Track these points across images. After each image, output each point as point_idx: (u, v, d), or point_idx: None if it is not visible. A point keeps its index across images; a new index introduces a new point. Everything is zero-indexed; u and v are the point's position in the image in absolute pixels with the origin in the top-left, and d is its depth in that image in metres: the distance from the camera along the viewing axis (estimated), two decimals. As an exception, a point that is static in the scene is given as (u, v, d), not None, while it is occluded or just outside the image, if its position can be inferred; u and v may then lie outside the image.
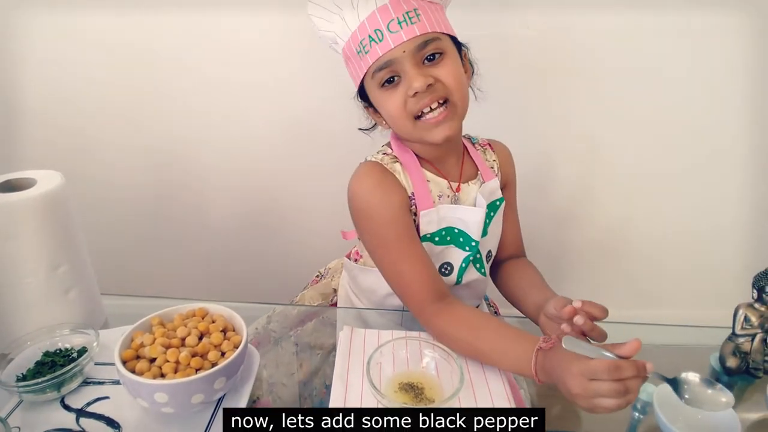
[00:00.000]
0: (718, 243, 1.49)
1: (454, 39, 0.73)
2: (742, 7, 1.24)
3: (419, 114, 0.70)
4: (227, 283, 1.49)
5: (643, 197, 1.45)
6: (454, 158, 0.80)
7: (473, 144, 0.86)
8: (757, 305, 0.69)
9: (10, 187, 0.67)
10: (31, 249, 0.65)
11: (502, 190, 0.85)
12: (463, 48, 0.76)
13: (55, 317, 0.67)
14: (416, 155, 0.78)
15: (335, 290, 0.94)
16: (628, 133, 1.37)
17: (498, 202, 0.83)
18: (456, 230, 0.77)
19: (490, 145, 0.88)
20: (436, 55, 0.69)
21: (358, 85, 0.75)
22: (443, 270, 0.80)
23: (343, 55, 0.75)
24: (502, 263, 0.89)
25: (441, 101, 0.70)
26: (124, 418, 0.56)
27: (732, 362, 0.70)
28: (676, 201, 1.45)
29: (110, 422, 0.55)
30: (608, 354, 0.53)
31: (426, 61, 0.69)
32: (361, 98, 0.78)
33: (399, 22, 0.67)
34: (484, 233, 0.79)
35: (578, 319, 0.61)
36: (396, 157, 0.78)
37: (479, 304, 0.91)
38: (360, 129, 0.84)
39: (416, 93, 0.68)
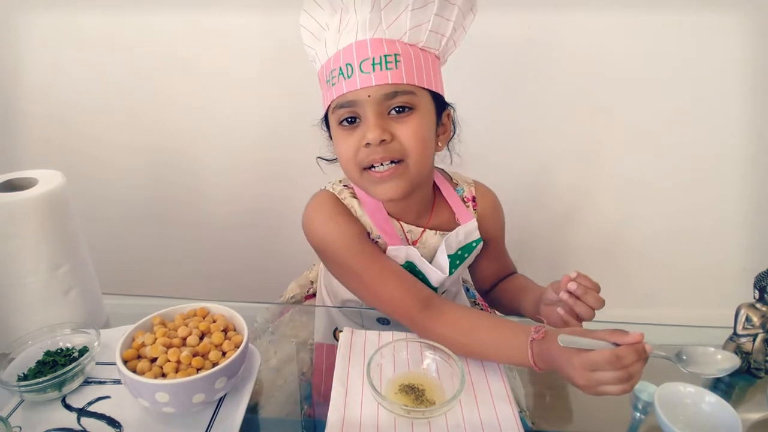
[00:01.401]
0: (720, 243, 1.49)
1: (436, 96, 0.68)
2: (741, 6, 1.24)
3: (368, 165, 0.66)
4: (228, 282, 1.49)
5: (644, 197, 1.45)
6: (419, 204, 0.76)
7: (455, 185, 0.82)
8: (758, 305, 0.69)
9: (11, 186, 0.67)
10: (32, 248, 0.65)
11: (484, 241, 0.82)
12: (447, 108, 0.72)
13: (57, 317, 0.67)
14: None
15: (312, 282, 0.95)
16: (627, 134, 1.37)
17: (474, 243, 0.80)
18: (419, 270, 0.76)
19: (474, 200, 0.83)
20: (406, 109, 0.64)
21: (324, 111, 0.72)
22: None
23: (318, 77, 0.72)
24: (495, 286, 0.90)
25: (395, 160, 0.65)
26: (126, 417, 0.56)
27: (733, 362, 0.70)
28: (676, 201, 1.45)
29: (111, 422, 0.55)
30: (605, 344, 0.53)
31: (394, 112, 0.64)
32: (326, 127, 0.75)
33: (373, 64, 0.62)
34: (450, 273, 0.77)
35: (571, 285, 0.62)
36: (355, 192, 0.76)
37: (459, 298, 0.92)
38: (320, 158, 0.80)
39: (368, 144, 0.64)
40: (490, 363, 0.65)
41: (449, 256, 0.76)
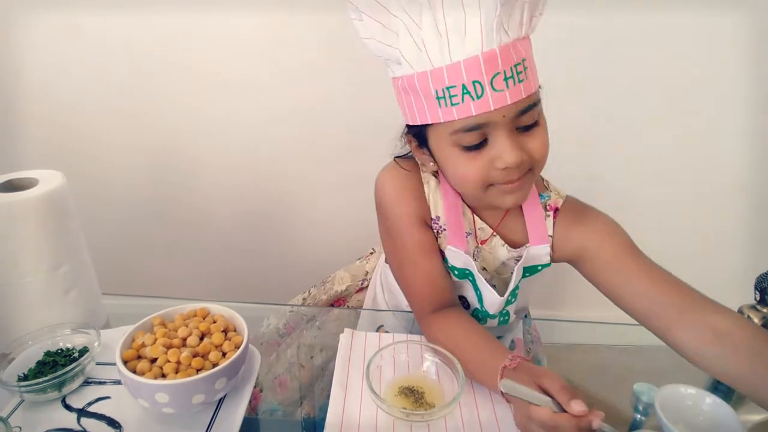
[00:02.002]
0: (721, 245, 1.48)
1: None
2: (741, 6, 1.24)
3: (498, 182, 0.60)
4: (228, 282, 1.49)
5: (645, 199, 1.44)
6: (497, 209, 0.70)
7: (540, 201, 0.71)
8: (759, 307, 0.69)
9: (12, 186, 0.66)
10: (32, 248, 0.65)
11: (564, 260, 0.71)
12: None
13: (57, 317, 0.67)
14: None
15: (367, 273, 0.90)
16: (627, 134, 1.37)
17: (540, 267, 0.70)
18: (478, 290, 0.70)
19: (555, 213, 0.71)
20: (533, 126, 0.58)
21: (411, 122, 0.62)
22: (460, 300, 0.73)
23: (399, 82, 0.60)
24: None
25: (524, 174, 0.60)
26: (125, 418, 0.56)
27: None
28: (677, 202, 1.45)
29: (111, 422, 0.55)
30: (546, 400, 0.49)
31: (521, 128, 0.57)
32: (410, 133, 0.66)
33: (506, 78, 0.53)
34: (510, 302, 0.70)
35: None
36: (437, 172, 0.69)
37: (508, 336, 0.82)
38: (397, 157, 0.72)
39: (506, 168, 0.57)
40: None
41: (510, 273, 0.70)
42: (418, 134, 0.64)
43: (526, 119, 0.56)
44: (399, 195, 0.68)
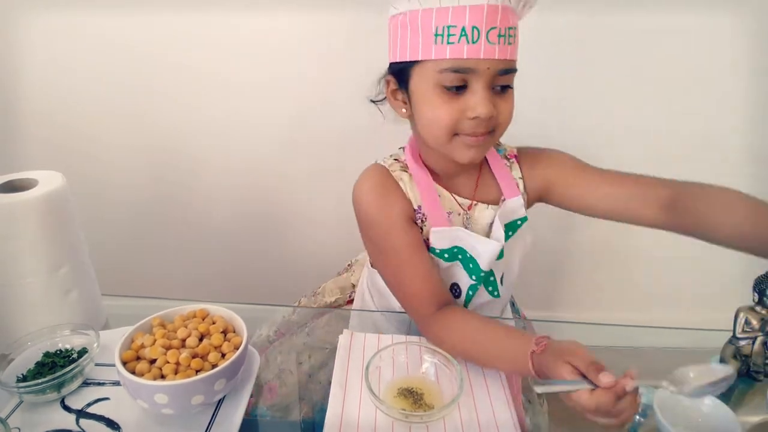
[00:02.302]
0: (719, 246, 1.48)
1: None
2: (741, 7, 1.24)
3: (463, 132, 0.65)
4: (228, 284, 1.49)
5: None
6: (468, 174, 0.75)
7: (499, 155, 0.78)
8: (757, 308, 0.69)
9: (12, 187, 0.67)
10: (32, 249, 0.65)
11: (547, 193, 0.78)
12: None
13: (56, 318, 0.67)
14: (428, 168, 0.73)
15: (354, 285, 0.92)
16: (627, 135, 1.37)
17: (519, 222, 0.76)
18: (468, 255, 0.73)
19: (517, 158, 0.79)
20: (506, 88, 0.64)
21: (399, 59, 0.65)
22: (452, 291, 0.76)
23: (399, 18, 0.63)
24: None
25: (488, 133, 0.65)
26: (124, 419, 0.56)
27: (732, 365, 0.70)
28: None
29: (110, 423, 0.55)
30: (580, 385, 0.51)
31: (498, 87, 0.63)
32: (392, 72, 0.69)
33: (500, 35, 0.59)
34: (499, 256, 0.73)
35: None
36: (407, 166, 0.74)
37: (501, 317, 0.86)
38: (372, 100, 0.76)
39: (476, 117, 0.62)
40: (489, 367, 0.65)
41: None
42: (399, 74, 0.67)
43: (504, 80, 0.63)
44: (380, 201, 0.71)
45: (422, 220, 0.72)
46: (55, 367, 0.59)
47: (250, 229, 1.45)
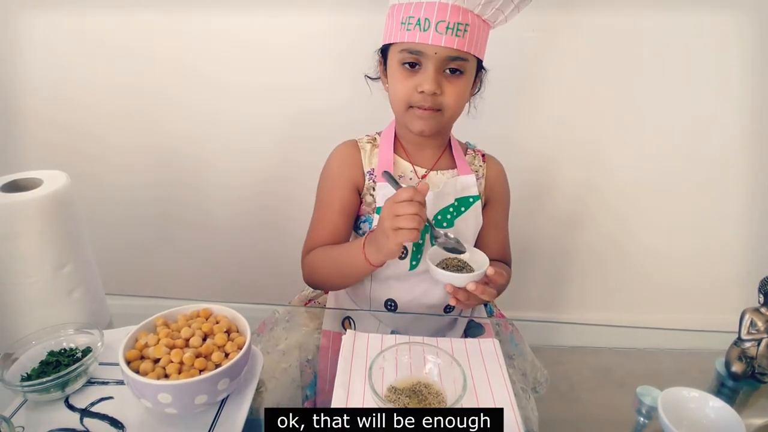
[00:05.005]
0: (724, 247, 1.48)
1: (479, 61, 0.80)
2: (742, 6, 1.23)
3: (415, 105, 0.79)
4: (231, 283, 1.50)
5: (648, 200, 1.44)
6: (432, 150, 0.88)
7: (467, 147, 0.93)
8: (763, 310, 0.68)
9: (17, 187, 0.67)
10: (36, 248, 0.65)
11: (484, 204, 0.89)
12: (482, 70, 0.84)
13: (60, 317, 0.67)
14: (398, 139, 0.87)
15: None
16: (629, 136, 1.37)
17: (471, 199, 0.86)
18: None
19: (483, 156, 0.93)
20: (456, 72, 0.76)
21: (384, 42, 0.81)
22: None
23: (394, 9, 0.78)
24: None
25: (435, 109, 0.78)
26: (128, 418, 0.56)
27: (737, 367, 0.69)
28: (680, 204, 1.44)
29: (114, 422, 0.55)
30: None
31: (448, 71, 0.76)
32: (382, 53, 0.85)
33: (447, 27, 0.71)
34: (451, 224, 0.85)
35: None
36: (374, 139, 0.89)
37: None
38: (367, 76, 0.91)
39: (423, 92, 0.75)
40: (492, 368, 0.65)
41: (445, 207, 0.84)
42: (384, 54, 0.83)
43: (453, 65, 0.75)
44: (338, 162, 0.88)
45: (373, 180, 0.85)
46: (59, 366, 0.59)
47: (254, 229, 1.45)
